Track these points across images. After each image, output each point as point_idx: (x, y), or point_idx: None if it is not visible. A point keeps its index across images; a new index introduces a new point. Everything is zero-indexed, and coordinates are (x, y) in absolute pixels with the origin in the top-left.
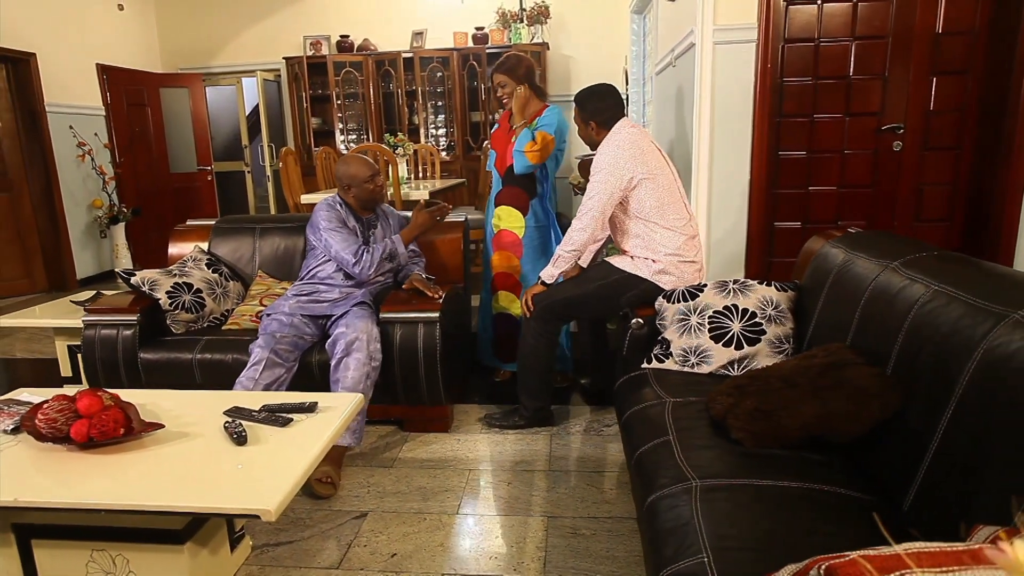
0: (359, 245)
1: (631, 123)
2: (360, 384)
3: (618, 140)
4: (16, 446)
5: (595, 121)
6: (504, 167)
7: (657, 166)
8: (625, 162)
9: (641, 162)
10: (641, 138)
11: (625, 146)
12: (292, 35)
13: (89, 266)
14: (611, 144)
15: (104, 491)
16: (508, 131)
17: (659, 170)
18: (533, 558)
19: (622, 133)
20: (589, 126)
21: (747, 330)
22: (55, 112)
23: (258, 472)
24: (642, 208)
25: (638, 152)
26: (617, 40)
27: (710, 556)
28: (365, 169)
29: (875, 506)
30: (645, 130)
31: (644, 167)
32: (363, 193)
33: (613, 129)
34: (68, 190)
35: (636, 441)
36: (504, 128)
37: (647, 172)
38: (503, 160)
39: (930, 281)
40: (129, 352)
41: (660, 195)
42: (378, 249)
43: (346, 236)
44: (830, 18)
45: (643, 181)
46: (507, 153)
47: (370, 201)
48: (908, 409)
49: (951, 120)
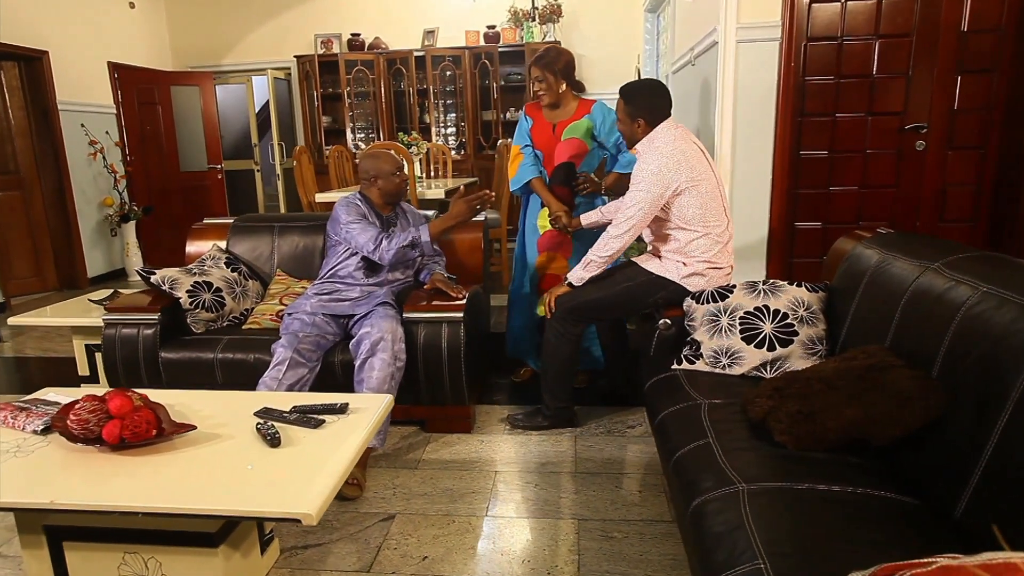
0: (379, 231)
1: (675, 124)
2: (385, 384)
3: (661, 147)
4: (47, 447)
5: (643, 119)
6: (552, 167)
7: (701, 171)
8: (669, 171)
9: (686, 169)
10: (685, 142)
11: (668, 152)
12: (303, 34)
13: (100, 264)
14: (654, 151)
15: (141, 493)
16: (551, 129)
17: (703, 176)
18: (567, 561)
19: (666, 137)
20: (636, 123)
21: (779, 331)
22: (67, 110)
23: (295, 474)
24: (683, 215)
25: (682, 159)
26: (630, 39)
27: (766, 562)
28: (391, 162)
29: (924, 511)
30: (688, 131)
31: (688, 175)
32: (389, 185)
33: (657, 130)
34: (79, 188)
35: (673, 443)
36: (544, 125)
37: (691, 180)
38: (550, 159)
39: (977, 283)
40: (150, 351)
41: (703, 202)
42: (398, 236)
43: (366, 225)
44: (853, 16)
45: (687, 190)
46: (554, 152)
47: (395, 195)
48: (955, 413)
49: (976, 119)
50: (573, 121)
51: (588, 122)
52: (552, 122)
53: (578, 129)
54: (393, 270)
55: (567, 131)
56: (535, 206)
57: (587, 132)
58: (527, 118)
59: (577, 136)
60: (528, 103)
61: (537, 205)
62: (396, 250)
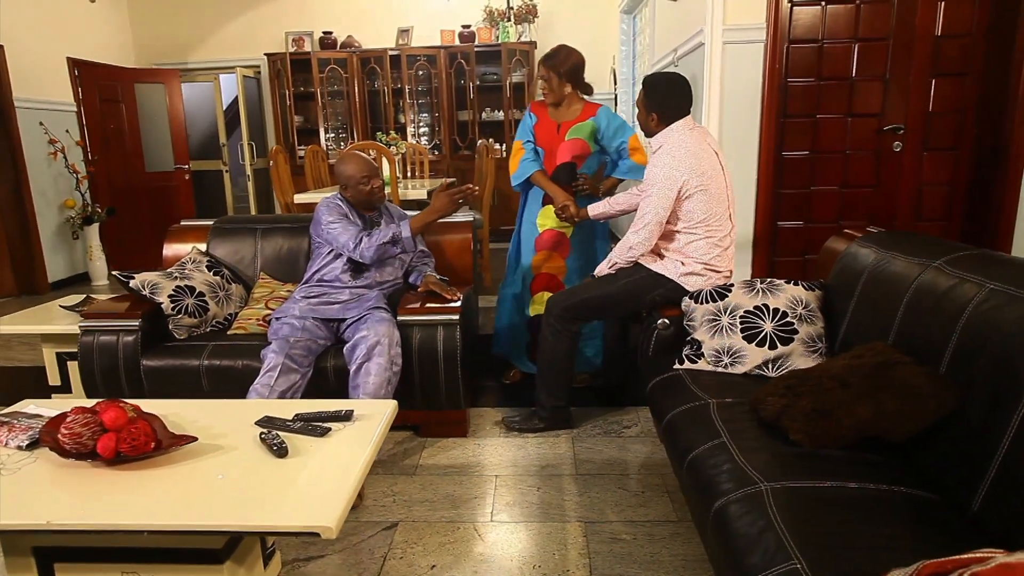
0: (359, 229)
1: (692, 123)
2: (382, 390)
3: (674, 149)
4: (35, 463)
5: (656, 114)
6: (553, 166)
7: (712, 174)
8: (681, 173)
9: (697, 172)
10: (698, 143)
11: (680, 156)
12: (272, 31)
13: (61, 269)
14: (667, 153)
15: (145, 510)
16: (555, 128)
17: (713, 178)
18: (578, 565)
19: (679, 138)
20: (650, 116)
21: (779, 330)
22: (24, 108)
23: (307, 486)
24: (689, 218)
25: (694, 162)
26: (606, 40)
27: (802, 562)
28: (361, 168)
29: (944, 506)
30: (704, 129)
31: (699, 178)
32: (358, 195)
33: (672, 129)
34: (39, 189)
35: (685, 443)
36: (548, 123)
37: (701, 183)
38: (552, 158)
39: (983, 280)
40: (131, 359)
41: (710, 206)
42: (377, 234)
43: (347, 225)
44: (834, 19)
45: (695, 194)
46: (556, 151)
47: (366, 203)
48: (967, 408)
49: (950, 121)
50: (578, 122)
51: (593, 124)
52: (557, 121)
53: (582, 130)
54: (381, 271)
55: (571, 132)
56: (534, 204)
57: (591, 134)
58: (531, 115)
59: (581, 137)
60: (534, 100)
61: (537, 203)
62: (377, 247)
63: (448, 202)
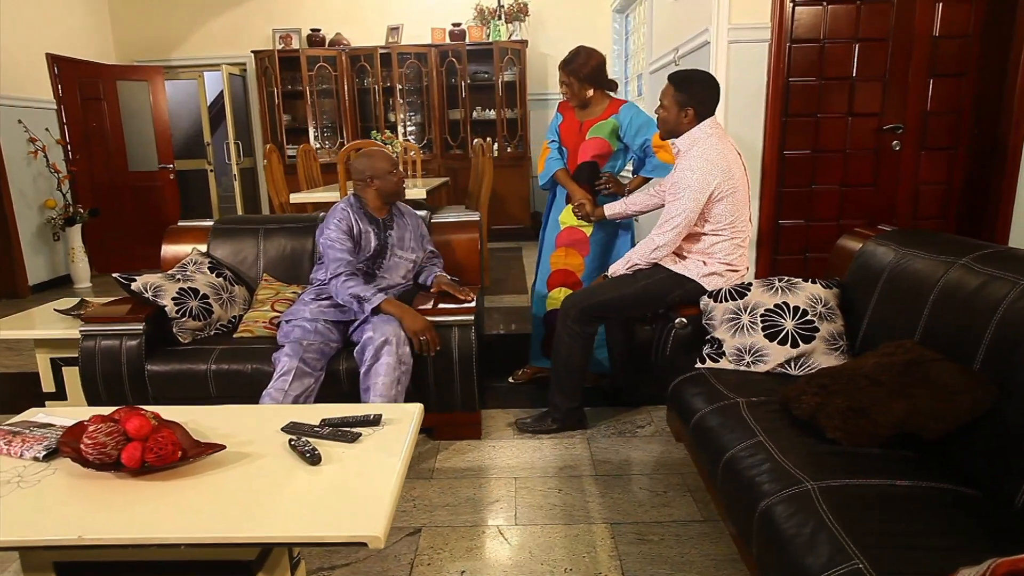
0: (349, 260)
1: (715, 123)
2: (392, 389)
3: (707, 151)
4: (53, 475)
5: (694, 109)
6: (575, 165)
7: (738, 177)
8: (714, 177)
9: (728, 175)
10: (724, 144)
11: (713, 158)
12: (259, 28)
13: (42, 271)
14: (701, 156)
15: (181, 523)
16: (577, 127)
17: (739, 181)
18: (610, 568)
19: (708, 140)
20: (684, 112)
21: (801, 328)
22: (2, 105)
23: (347, 494)
24: (718, 220)
25: (725, 165)
26: (598, 39)
27: (864, 562)
28: (387, 161)
29: (987, 502)
30: (724, 131)
31: (729, 181)
32: (387, 185)
33: (698, 130)
34: (18, 190)
35: (719, 443)
36: (572, 123)
37: (731, 186)
38: (575, 157)
39: (1015, 277)
40: (134, 364)
41: (735, 208)
42: (359, 285)
43: (342, 248)
44: (835, 19)
45: (726, 197)
46: (578, 150)
47: (394, 194)
48: (1006, 405)
49: (947, 121)
50: (599, 120)
51: (614, 122)
52: (580, 120)
53: (603, 129)
54: (392, 275)
55: (592, 130)
56: (560, 202)
57: (612, 132)
58: (558, 114)
59: (601, 136)
60: (562, 100)
61: (562, 202)
62: (349, 294)
63: (423, 328)
